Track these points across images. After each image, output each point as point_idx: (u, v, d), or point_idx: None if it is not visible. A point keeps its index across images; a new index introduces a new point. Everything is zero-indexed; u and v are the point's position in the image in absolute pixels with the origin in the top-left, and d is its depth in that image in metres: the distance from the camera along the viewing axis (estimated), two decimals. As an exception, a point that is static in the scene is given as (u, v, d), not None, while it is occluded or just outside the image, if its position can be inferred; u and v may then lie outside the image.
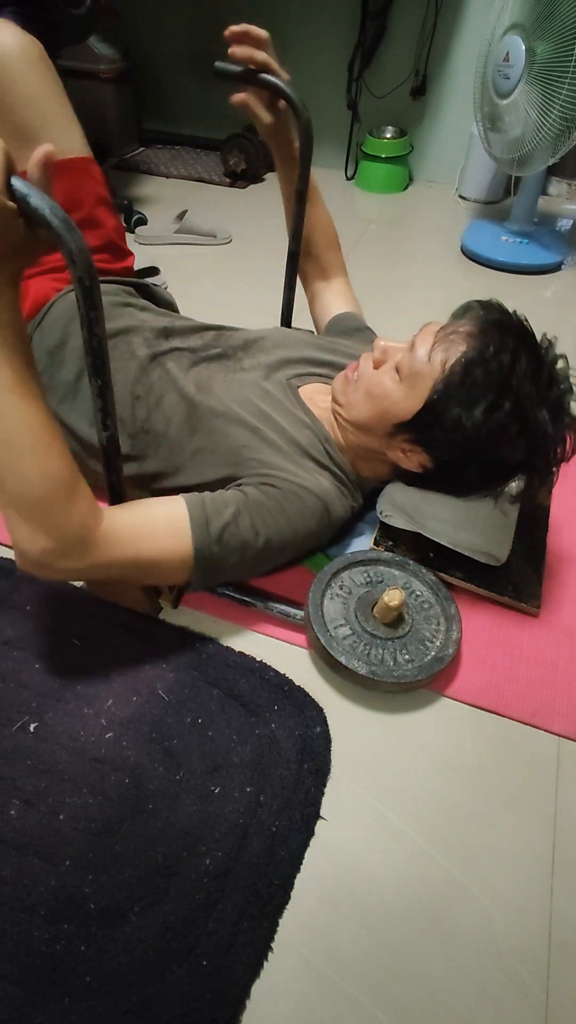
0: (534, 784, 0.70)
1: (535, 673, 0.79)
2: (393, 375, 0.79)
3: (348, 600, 0.81)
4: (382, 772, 0.70)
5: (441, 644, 0.77)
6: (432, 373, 0.75)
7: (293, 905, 0.60)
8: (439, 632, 0.79)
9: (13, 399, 0.59)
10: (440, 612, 0.81)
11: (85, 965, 0.56)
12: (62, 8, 1.45)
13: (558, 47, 1.41)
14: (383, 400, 0.79)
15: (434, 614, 0.81)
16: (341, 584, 0.83)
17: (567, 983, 0.57)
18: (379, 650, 0.76)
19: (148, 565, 0.70)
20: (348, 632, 0.78)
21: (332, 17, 2.13)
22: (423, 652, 0.76)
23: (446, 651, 0.75)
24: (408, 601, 0.81)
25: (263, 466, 0.80)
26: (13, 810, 0.65)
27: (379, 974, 0.57)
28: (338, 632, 0.77)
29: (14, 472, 0.60)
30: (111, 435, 0.66)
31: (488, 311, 0.77)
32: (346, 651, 0.75)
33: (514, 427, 0.72)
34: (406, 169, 2.31)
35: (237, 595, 0.83)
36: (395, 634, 0.78)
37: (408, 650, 0.76)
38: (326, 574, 0.82)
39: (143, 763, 0.69)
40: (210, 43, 2.33)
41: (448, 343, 0.75)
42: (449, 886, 0.62)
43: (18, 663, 0.78)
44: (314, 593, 0.80)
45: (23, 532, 0.62)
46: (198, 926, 0.58)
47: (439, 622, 0.80)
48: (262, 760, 0.69)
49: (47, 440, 0.61)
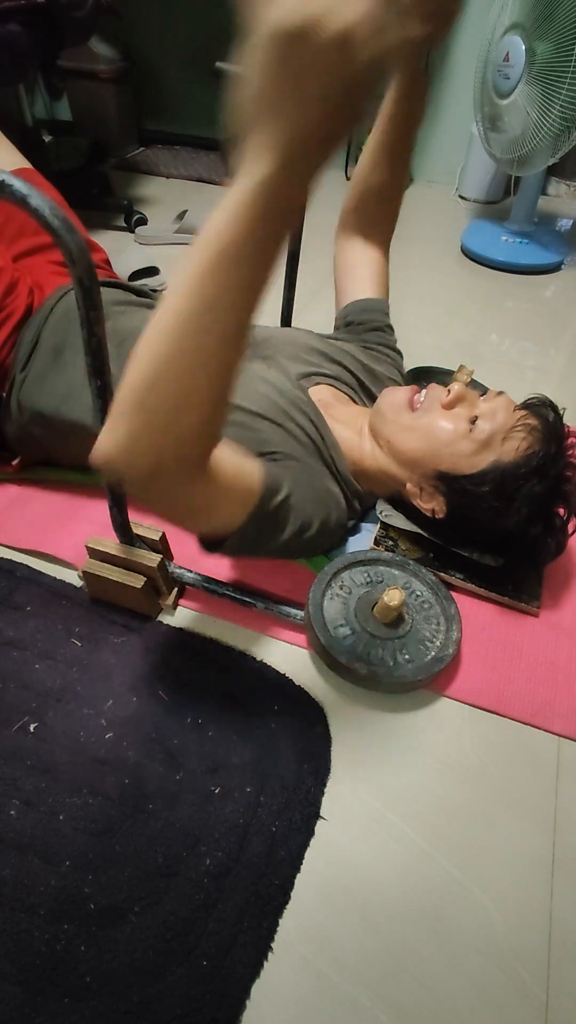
0: (534, 784, 0.70)
1: (535, 673, 0.79)
2: (465, 426, 0.79)
3: (348, 600, 0.81)
4: (382, 772, 0.70)
5: (441, 644, 0.77)
6: (501, 451, 0.77)
7: (293, 905, 0.60)
8: (439, 632, 0.79)
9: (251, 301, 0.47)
10: (440, 612, 0.81)
11: (85, 965, 0.56)
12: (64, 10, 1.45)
13: (558, 47, 1.41)
14: (445, 446, 0.79)
15: (434, 614, 0.81)
16: (341, 584, 0.83)
17: (567, 983, 0.57)
18: (379, 650, 0.76)
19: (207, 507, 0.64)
20: (348, 632, 0.78)
21: (332, 17, 2.13)
22: (423, 652, 0.76)
23: (446, 651, 0.75)
24: (408, 601, 0.81)
25: (288, 458, 0.79)
26: (13, 810, 0.65)
27: (379, 974, 0.57)
28: (338, 632, 0.77)
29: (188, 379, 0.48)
30: None
31: (550, 412, 0.79)
32: (346, 651, 0.75)
33: (533, 530, 0.78)
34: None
35: (237, 595, 0.83)
36: (395, 634, 0.77)
37: (408, 650, 0.76)
38: (326, 574, 0.82)
39: (143, 763, 0.69)
40: (210, 43, 2.34)
41: (524, 430, 0.77)
42: (449, 886, 0.62)
43: (18, 663, 0.78)
44: (314, 593, 0.80)
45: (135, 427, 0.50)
46: (198, 926, 0.58)
47: (439, 622, 0.80)
48: (262, 760, 0.69)
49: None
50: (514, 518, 0.77)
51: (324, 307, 1.57)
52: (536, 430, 0.77)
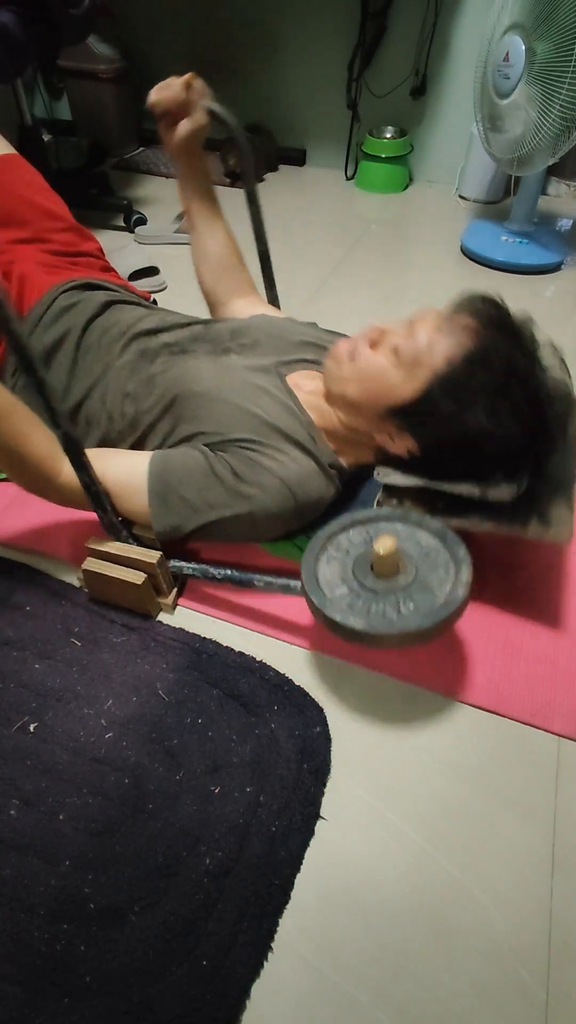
0: (534, 784, 0.70)
1: (535, 673, 0.79)
2: (391, 358, 0.78)
3: (346, 560, 0.75)
4: (382, 772, 0.70)
5: (451, 588, 0.69)
6: (432, 363, 0.75)
7: (293, 905, 0.60)
8: (448, 577, 0.71)
9: None
10: (448, 557, 0.73)
11: (85, 965, 0.56)
12: (61, 8, 1.45)
13: (558, 47, 1.41)
14: (379, 382, 0.79)
15: (442, 561, 0.73)
16: (338, 546, 0.77)
17: (567, 983, 0.57)
18: (380, 605, 0.69)
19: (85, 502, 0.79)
20: (345, 591, 0.72)
21: (332, 17, 2.13)
22: (430, 600, 0.69)
23: (456, 593, 0.68)
24: (412, 552, 0.75)
25: (236, 444, 0.81)
26: (13, 810, 0.65)
27: (379, 974, 0.57)
28: (335, 593, 0.72)
29: None
30: (65, 434, 0.71)
31: (488, 306, 0.76)
32: (342, 610, 0.69)
33: (502, 431, 0.73)
34: (406, 169, 2.31)
35: (237, 575, 0.81)
36: (396, 586, 0.70)
37: (413, 600, 0.69)
38: (319, 539, 0.77)
39: (143, 763, 0.69)
40: (210, 43, 2.34)
41: (450, 335, 0.75)
42: (449, 886, 0.62)
43: (18, 663, 0.78)
44: (307, 558, 0.75)
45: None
46: (198, 926, 0.58)
47: (447, 568, 0.72)
48: (262, 760, 0.69)
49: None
50: (479, 420, 0.72)
51: (329, 299, 1.57)
52: (468, 327, 0.74)
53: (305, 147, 2.45)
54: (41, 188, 1.10)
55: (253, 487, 0.79)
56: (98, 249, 1.15)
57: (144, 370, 0.89)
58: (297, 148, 2.45)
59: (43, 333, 0.94)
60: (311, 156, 2.47)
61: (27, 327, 0.95)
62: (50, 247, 1.07)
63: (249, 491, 0.79)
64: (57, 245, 1.07)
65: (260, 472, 0.80)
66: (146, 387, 0.88)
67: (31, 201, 1.07)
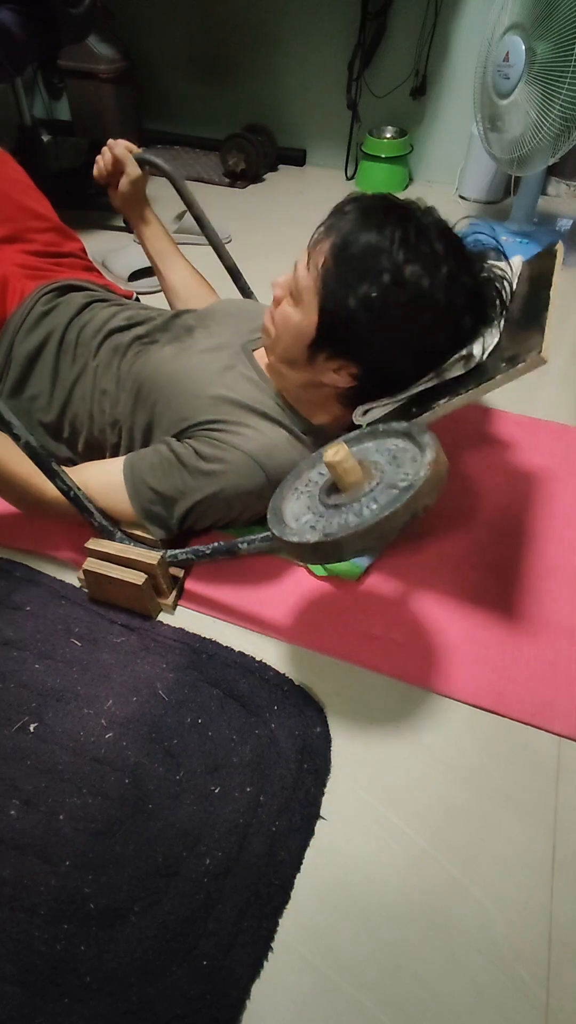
0: (534, 784, 0.70)
1: (535, 673, 0.79)
2: (290, 302, 0.79)
3: (313, 491, 0.73)
4: (382, 772, 0.70)
5: (413, 473, 0.64)
6: (314, 283, 0.75)
7: (293, 905, 0.60)
8: (414, 467, 0.65)
9: None
10: (414, 447, 0.68)
11: (85, 965, 0.56)
12: (61, 7, 1.45)
13: (558, 47, 1.41)
14: (289, 327, 0.79)
15: (409, 456, 0.68)
16: (307, 482, 0.75)
17: (567, 983, 0.57)
18: (343, 516, 0.65)
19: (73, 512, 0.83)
20: (310, 516, 0.69)
21: (332, 17, 2.13)
22: (393, 494, 0.63)
23: (418, 475, 0.61)
24: (381, 460, 0.70)
25: (200, 427, 0.83)
26: (13, 810, 0.65)
27: (379, 974, 0.57)
28: (301, 522, 0.68)
29: None
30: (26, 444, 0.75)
31: (354, 202, 0.75)
32: (300, 532, 0.66)
33: (402, 294, 0.71)
34: (406, 169, 2.31)
35: (223, 547, 0.79)
36: (360, 493, 0.66)
37: (377, 501, 0.64)
38: (288, 481, 0.75)
39: (143, 763, 0.69)
40: (210, 43, 2.34)
41: (319, 248, 0.75)
42: (449, 886, 0.62)
43: (18, 663, 0.78)
44: (274, 498, 0.73)
45: None
46: (198, 926, 0.58)
47: (414, 459, 0.67)
48: (262, 760, 0.69)
49: None
50: (375, 295, 0.71)
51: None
52: (326, 233, 0.74)
53: (305, 147, 2.45)
54: (26, 187, 1.10)
55: (217, 464, 0.80)
56: (80, 249, 1.16)
57: (116, 366, 0.91)
58: (297, 148, 2.45)
59: (24, 339, 0.95)
60: (311, 156, 2.47)
61: (8, 334, 0.96)
62: (32, 247, 1.07)
63: (213, 468, 0.80)
64: (39, 245, 1.08)
65: (224, 448, 0.81)
66: (118, 383, 0.90)
67: (14, 199, 1.07)
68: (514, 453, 1.13)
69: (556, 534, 0.97)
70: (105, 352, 0.93)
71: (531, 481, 1.07)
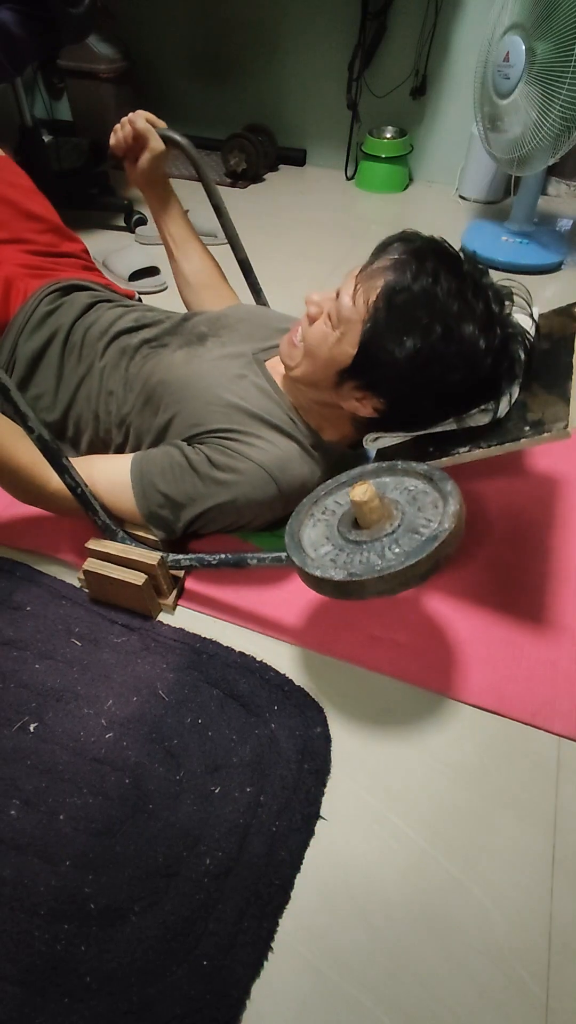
0: (534, 784, 0.70)
1: (535, 673, 0.79)
2: (327, 324, 0.79)
3: (331, 520, 0.73)
4: (382, 772, 0.70)
5: (438, 522, 0.65)
6: (359, 315, 0.75)
7: (293, 905, 0.60)
8: (435, 514, 0.67)
9: None
10: (436, 494, 0.69)
11: (85, 965, 0.56)
12: (61, 7, 1.45)
13: (558, 47, 1.41)
14: (322, 351, 0.79)
15: (430, 500, 0.69)
16: (324, 509, 0.76)
17: (567, 983, 0.57)
18: (365, 554, 0.66)
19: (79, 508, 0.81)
20: (329, 548, 0.69)
21: (332, 17, 2.13)
22: (417, 539, 0.64)
23: (442, 527, 0.63)
24: (401, 500, 0.71)
25: (214, 435, 0.83)
26: (13, 810, 0.65)
27: (379, 974, 0.57)
28: (319, 552, 0.69)
29: None
30: (39, 437, 0.73)
31: (405, 242, 0.75)
32: (322, 566, 0.66)
33: (451, 348, 0.71)
34: (406, 169, 2.31)
35: (231, 556, 0.80)
36: (382, 533, 0.67)
37: (399, 544, 0.65)
38: (304, 505, 0.76)
39: (143, 763, 0.69)
40: (210, 43, 2.34)
41: (369, 282, 0.74)
42: (449, 886, 0.62)
43: (18, 663, 0.78)
44: (291, 524, 0.73)
45: None
46: (198, 926, 0.58)
47: (436, 504, 0.68)
48: (262, 760, 0.69)
49: None
50: (418, 346, 0.71)
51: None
52: (383, 267, 0.73)
53: (305, 147, 2.45)
54: (26, 190, 1.09)
55: (230, 474, 0.80)
56: (82, 250, 1.15)
57: (124, 367, 0.91)
58: (297, 148, 2.45)
59: (28, 338, 0.95)
60: (311, 156, 2.47)
61: (12, 333, 0.96)
62: (32, 247, 1.06)
63: (227, 478, 0.80)
64: (40, 246, 1.07)
65: (237, 459, 0.81)
66: (126, 384, 0.90)
67: (15, 203, 1.06)
68: (518, 454, 1.13)
69: (559, 536, 0.97)
70: (112, 353, 0.92)
71: (534, 483, 1.07)
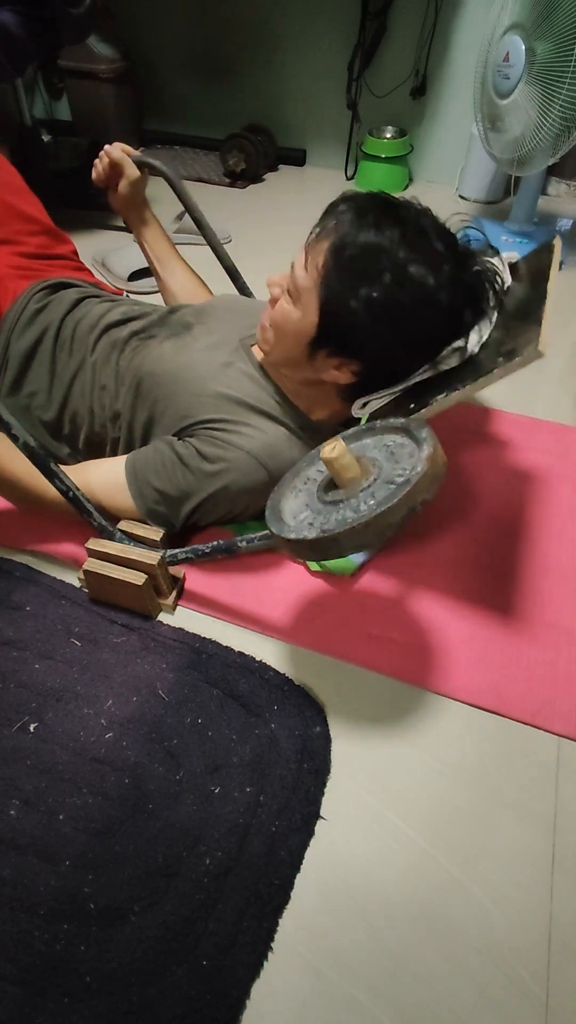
0: (534, 784, 0.70)
1: (535, 673, 0.79)
2: (288, 300, 0.79)
3: (311, 488, 0.72)
4: (382, 772, 0.70)
5: (410, 468, 0.63)
6: (313, 281, 0.75)
7: (293, 905, 0.60)
8: (411, 462, 0.64)
9: None
10: (411, 442, 0.67)
11: (85, 965, 0.56)
12: (61, 7, 1.45)
13: (558, 47, 1.40)
14: (288, 326, 0.79)
15: (406, 452, 0.67)
16: (306, 480, 0.74)
17: (567, 983, 0.57)
18: (340, 512, 0.64)
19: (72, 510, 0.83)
20: (308, 514, 0.68)
21: (332, 17, 2.13)
22: (391, 489, 0.62)
23: (415, 471, 0.60)
24: (379, 457, 0.70)
25: (203, 426, 0.83)
26: (13, 810, 0.65)
27: (379, 974, 0.57)
28: (298, 519, 0.68)
29: None
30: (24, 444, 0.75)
31: (346, 202, 0.75)
32: (297, 529, 0.65)
33: (404, 291, 0.71)
34: (406, 169, 2.31)
35: (223, 546, 0.79)
36: (358, 489, 0.65)
37: (375, 496, 0.63)
38: (286, 479, 0.75)
39: (143, 763, 0.69)
40: (210, 43, 2.34)
41: (316, 246, 0.75)
42: (449, 886, 0.62)
43: (18, 663, 0.78)
44: (272, 498, 0.72)
45: None
46: (198, 926, 0.58)
47: (410, 453, 0.66)
48: (262, 760, 0.69)
49: None
50: (376, 295, 0.71)
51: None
52: (325, 231, 0.74)
53: (305, 147, 2.45)
54: (18, 190, 1.10)
55: (220, 464, 0.81)
56: (72, 252, 1.16)
57: (115, 361, 0.92)
58: (297, 148, 2.45)
59: (20, 336, 0.95)
60: (311, 156, 2.47)
61: (4, 333, 0.97)
62: (23, 249, 1.07)
63: (216, 469, 0.81)
64: (31, 248, 1.08)
65: (226, 448, 0.81)
66: (117, 378, 0.91)
67: (6, 203, 1.07)
68: (513, 453, 1.13)
69: (555, 533, 0.97)
70: (103, 347, 0.93)
71: (530, 481, 1.07)
